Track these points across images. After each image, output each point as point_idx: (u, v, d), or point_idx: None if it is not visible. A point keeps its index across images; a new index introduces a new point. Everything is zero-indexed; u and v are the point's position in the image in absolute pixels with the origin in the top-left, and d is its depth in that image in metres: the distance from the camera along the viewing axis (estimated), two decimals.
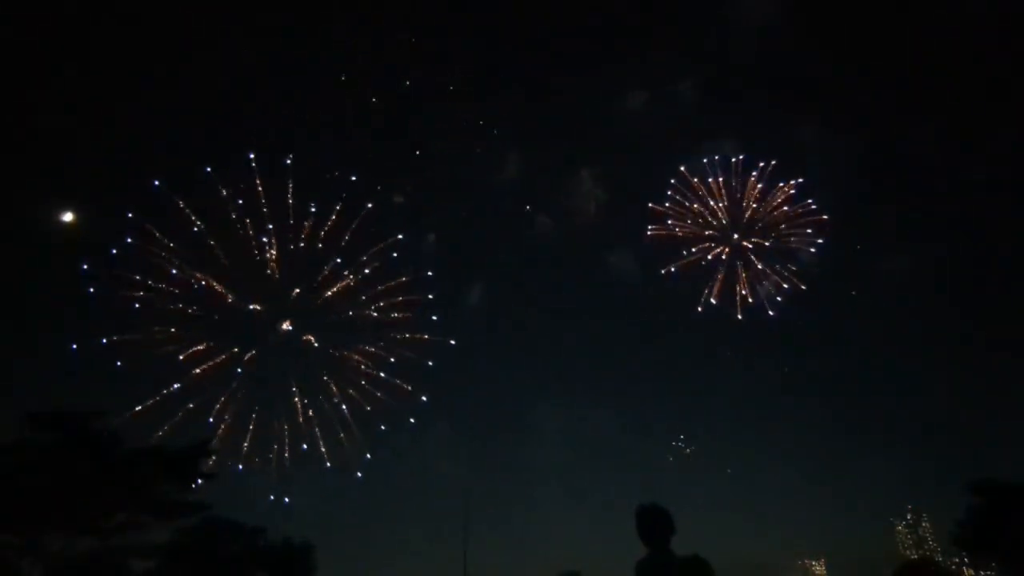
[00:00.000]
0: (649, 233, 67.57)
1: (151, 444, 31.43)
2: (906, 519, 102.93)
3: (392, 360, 58.29)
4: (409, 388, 59.57)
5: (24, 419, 27.63)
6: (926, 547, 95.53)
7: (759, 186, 65.21)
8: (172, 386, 52.91)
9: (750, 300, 65.65)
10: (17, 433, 27.22)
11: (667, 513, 5.34)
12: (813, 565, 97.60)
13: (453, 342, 60.77)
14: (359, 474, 59.46)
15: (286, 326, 56.73)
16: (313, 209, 56.91)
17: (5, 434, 27.35)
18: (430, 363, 58.73)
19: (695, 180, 66.70)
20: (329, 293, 57.63)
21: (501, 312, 72.32)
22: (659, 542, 5.28)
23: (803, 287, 63.80)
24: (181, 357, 53.29)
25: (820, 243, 63.91)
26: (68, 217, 43.71)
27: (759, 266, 65.28)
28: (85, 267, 52.00)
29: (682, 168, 66.93)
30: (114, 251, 52.94)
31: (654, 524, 5.32)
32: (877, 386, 72.26)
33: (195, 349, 53.61)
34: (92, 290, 51.83)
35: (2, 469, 26.66)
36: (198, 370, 53.64)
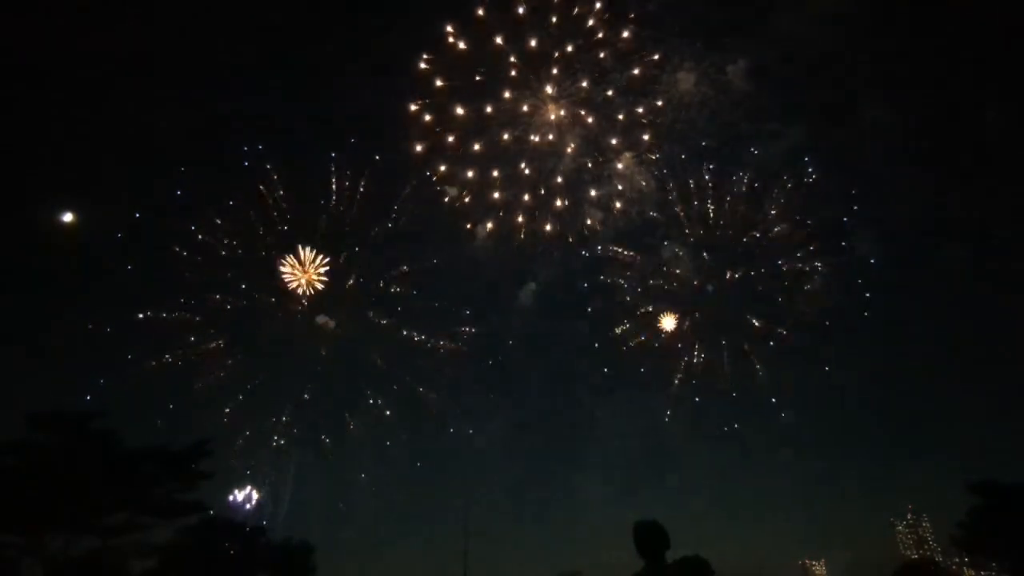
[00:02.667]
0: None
1: (151, 444, 31.22)
2: (906, 519, 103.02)
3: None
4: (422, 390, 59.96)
5: (24, 419, 27.68)
6: (926, 547, 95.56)
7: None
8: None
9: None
10: (17, 433, 27.27)
11: (662, 529, 5.62)
12: (813, 565, 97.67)
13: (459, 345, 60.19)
14: (362, 475, 59.69)
15: (324, 320, 56.22)
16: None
17: (5, 434, 27.41)
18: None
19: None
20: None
21: (540, 312, 71.01)
22: (655, 556, 5.45)
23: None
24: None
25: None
26: (68, 217, 43.71)
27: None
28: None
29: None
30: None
31: (651, 539, 5.52)
32: (877, 386, 72.26)
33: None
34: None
35: (2, 469, 26.70)
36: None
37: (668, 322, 58.16)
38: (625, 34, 53.70)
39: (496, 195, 60.52)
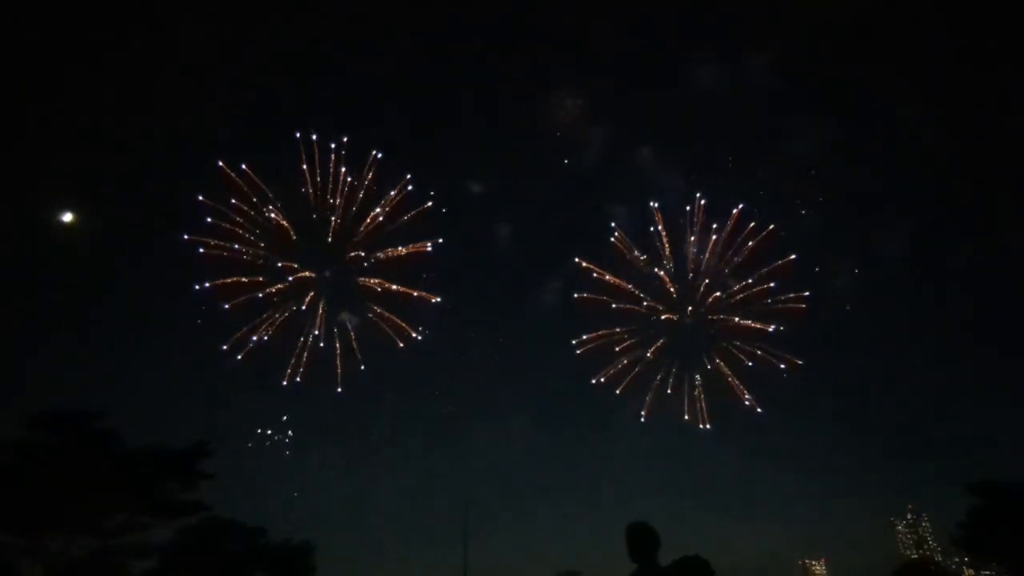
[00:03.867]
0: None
1: (151, 444, 31.20)
2: (906, 519, 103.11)
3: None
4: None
5: (24, 419, 27.64)
6: (926, 547, 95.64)
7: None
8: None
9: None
10: (17, 433, 27.24)
11: (654, 530, 5.62)
12: (813, 565, 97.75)
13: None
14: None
15: (347, 316, 49.64)
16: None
17: (5, 434, 27.38)
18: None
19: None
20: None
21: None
22: (647, 558, 5.53)
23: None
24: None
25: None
26: (68, 217, 43.68)
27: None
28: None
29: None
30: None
31: (643, 540, 5.57)
32: (877, 386, 72.23)
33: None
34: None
35: (2, 469, 26.68)
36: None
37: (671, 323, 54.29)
38: None
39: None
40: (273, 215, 41.21)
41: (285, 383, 41.88)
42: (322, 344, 43.05)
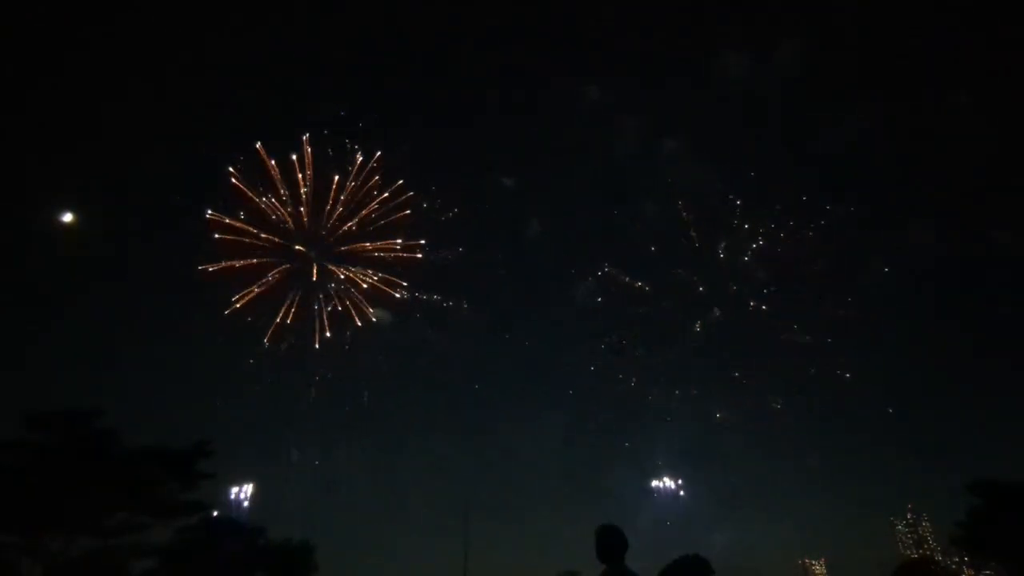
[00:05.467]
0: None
1: (151, 444, 31.20)
2: (906, 519, 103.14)
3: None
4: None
5: (24, 418, 27.60)
6: (926, 547, 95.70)
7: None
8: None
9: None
10: (16, 433, 27.20)
11: (620, 533, 5.78)
12: (813, 565, 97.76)
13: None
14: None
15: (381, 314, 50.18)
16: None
17: (5, 434, 27.33)
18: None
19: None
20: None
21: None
22: (614, 560, 5.68)
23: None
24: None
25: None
26: (68, 218, 43.65)
27: None
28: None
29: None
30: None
31: (609, 543, 5.71)
32: (877, 386, 72.24)
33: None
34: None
35: (1, 468, 26.66)
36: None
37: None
38: None
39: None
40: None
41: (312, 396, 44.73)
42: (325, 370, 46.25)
